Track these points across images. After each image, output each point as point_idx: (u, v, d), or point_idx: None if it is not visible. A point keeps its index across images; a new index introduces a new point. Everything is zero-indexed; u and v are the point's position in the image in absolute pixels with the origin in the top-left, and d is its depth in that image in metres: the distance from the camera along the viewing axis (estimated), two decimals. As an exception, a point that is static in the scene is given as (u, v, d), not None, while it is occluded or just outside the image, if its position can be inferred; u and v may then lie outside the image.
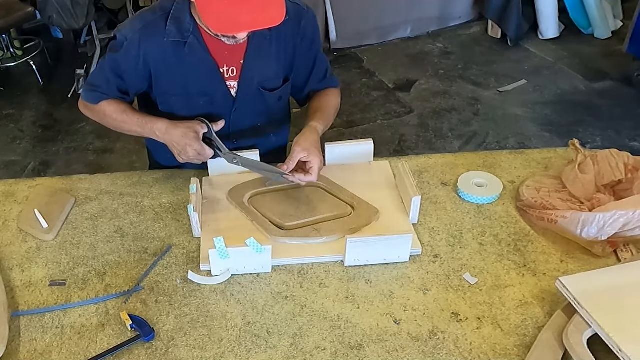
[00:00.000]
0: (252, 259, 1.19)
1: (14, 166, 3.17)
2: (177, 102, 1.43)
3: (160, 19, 1.33)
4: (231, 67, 1.40)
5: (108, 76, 1.39)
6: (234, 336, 1.08)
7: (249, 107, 1.48)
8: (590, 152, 1.40)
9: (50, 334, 1.10)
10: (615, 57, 3.90)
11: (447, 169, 1.49)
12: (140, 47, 1.34)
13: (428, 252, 1.25)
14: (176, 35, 1.33)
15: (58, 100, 3.77)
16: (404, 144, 3.21)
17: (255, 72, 1.42)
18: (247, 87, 1.44)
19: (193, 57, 1.36)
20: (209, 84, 1.41)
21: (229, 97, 1.44)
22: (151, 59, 1.36)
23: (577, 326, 1.00)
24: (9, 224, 1.37)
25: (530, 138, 3.19)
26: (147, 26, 1.34)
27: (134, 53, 1.35)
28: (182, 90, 1.41)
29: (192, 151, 1.33)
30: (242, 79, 1.42)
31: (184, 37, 1.33)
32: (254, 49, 1.39)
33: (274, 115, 1.56)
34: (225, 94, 1.43)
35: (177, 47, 1.34)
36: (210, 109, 1.44)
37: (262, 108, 1.50)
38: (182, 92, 1.41)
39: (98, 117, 1.44)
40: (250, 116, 1.50)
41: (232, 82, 1.43)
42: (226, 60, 1.39)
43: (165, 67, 1.37)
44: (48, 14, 3.48)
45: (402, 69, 4.01)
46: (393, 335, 1.07)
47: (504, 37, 4.23)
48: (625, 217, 1.19)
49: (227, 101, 1.45)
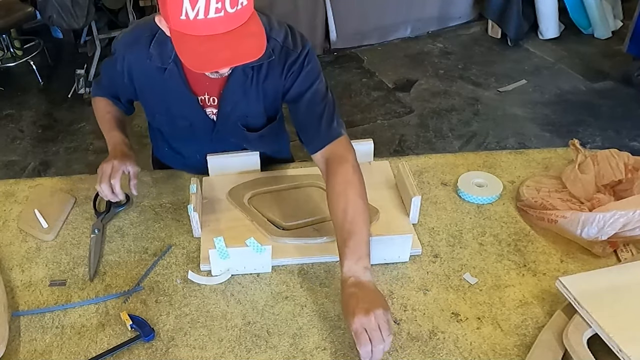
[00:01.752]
0: (252, 259, 1.19)
1: (14, 166, 3.18)
2: (161, 120, 1.44)
3: (146, 40, 1.29)
4: (212, 97, 1.36)
5: (104, 77, 1.47)
6: (234, 336, 1.08)
7: (230, 135, 1.43)
8: (590, 152, 1.40)
9: (50, 334, 1.10)
10: (615, 57, 3.90)
11: (447, 169, 1.49)
12: (125, 62, 1.33)
13: (428, 252, 1.25)
14: (157, 60, 1.29)
15: (58, 100, 3.77)
16: (404, 144, 3.22)
17: (233, 106, 1.36)
18: (226, 119, 1.39)
19: (172, 84, 1.32)
20: (188, 110, 1.37)
21: (208, 122, 1.40)
22: (135, 76, 1.35)
23: (577, 326, 1.00)
24: (9, 224, 1.37)
25: (530, 138, 3.20)
26: (134, 44, 1.31)
27: (120, 66, 1.34)
28: (165, 110, 1.40)
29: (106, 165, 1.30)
30: (220, 110, 1.37)
31: (164, 64, 1.29)
32: (234, 83, 1.31)
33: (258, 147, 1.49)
34: (205, 119, 1.39)
35: (159, 71, 1.31)
36: (191, 130, 1.42)
37: (243, 139, 1.45)
38: (164, 112, 1.40)
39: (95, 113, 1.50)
40: (233, 140, 1.45)
41: (212, 109, 1.38)
42: (207, 89, 1.34)
43: (148, 86, 1.36)
44: (48, 14, 3.48)
45: (402, 69, 4.01)
46: (393, 335, 1.07)
47: (504, 37, 4.23)
48: (625, 217, 1.19)
49: (206, 125, 1.41)
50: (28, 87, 3.95)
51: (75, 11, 3.46)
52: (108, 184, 1.28)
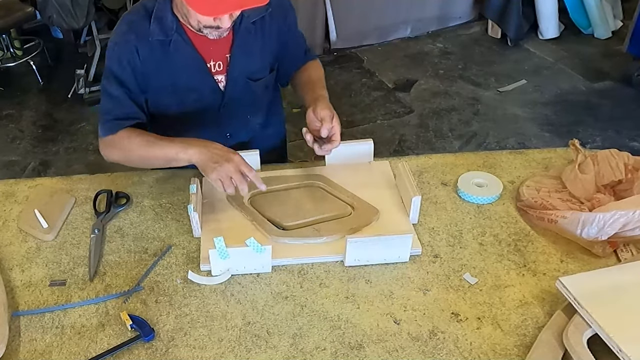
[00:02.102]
0: (252, 259, 1.19)
1: (14, 166, 3.18)
2: (167, 100, 1.44)
3: (143, 19, 1.34)
4: (217, 62, 1.41)
5: (114, 94, 1.36)
6: (234, 336, 1.08)
7: (237, 99, 1.48)
8: (590, 152, 1.40)
9: (50, 334, 1.10)
10: (615, 57, 3.90)
11: (447, 169, 1.49)
12: (129, 46, 1.34)
13: (428, 252, 1.25)
14: (160, 34, 1.34)
15: (58, 100, 3.77)
16: (404, 144, 3.22)
17: (241, 65, 1.43)
18: (235, 80, 1.45)
19: (179, 55, 1.37)
20: (197, 79, 1.42)
21: (217, 91, 1.45)
22: (140, 58, 1.36)
23: (577, 326, 1.00)
24: (9, 224, 1.37)
25: (530, 138, 3.20)
26: (132, 27, 1.34)
27: (126, 55, 1.35)
28: (172, 87, 1.42)
29: (233, 164, 1.22)
30: (229, 72, 1.43)
31: (168, 36, 1.34)
32: (240, 43, 1.40)
33: (262, 105, 1.57)
34: (214, 88, 1.44)
35: (163, 45, 1.35)
36: (200, 104, 1.45)
37: (249, 99, 1.51)
38: (171, 89, 1.42)
39: (121, 154, 1.36)
40: (239, 108, 1.50)
41: (219, 77, 1.44)
42: (212, 54, 1.40)
43: (154, 65, 1.37)
44: (48, 14, 3.48)
45: (402, 69, 4.01)
46: (393, 335, 1.07)
47: (504, 37, 4.23)
48: (625, 217, 1.18)
49: (215, 96, 1.46)
50: (28, 87, 3.95)
51: (75, 11, 3.46)
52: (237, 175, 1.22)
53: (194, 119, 1.47)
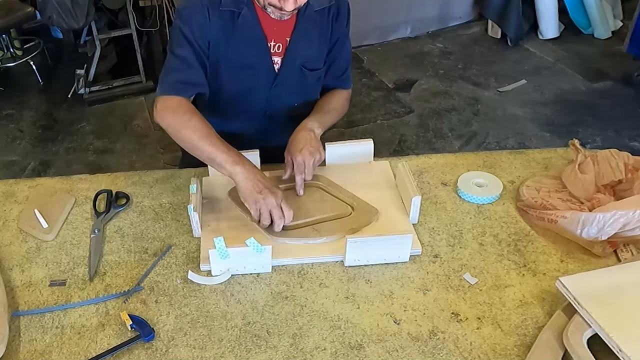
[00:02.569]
0: (252, 259, 1.19)
1: (14, 166, 3.18)
2: (224, 73, 1.46)
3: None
4: (278, 43, 1.44)
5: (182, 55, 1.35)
6: (234, 336, 1.08)
7: (288, 84, 1.50)
8: (590, 152, 1.40)
9: (50, 334, 1.10)
10: (615, 57, 3.90)
11: (447, 169, 1.49)
12: (204, 7, 1.36)
13: (428, 252, 1.25)
14: (231, 5, 1.37)
15: (58, 100, 3.77)
16: (404, 144, 3.22)
17: (299, 51, 1.46)
18: (290, 64, 1.47)
19: (244, 28, 1.39)
20: (256, 56, 1.44)
21: (272, 72, 1.47)
22: (211, 22, 1.37)
23: (577, 326, 1.00)
24: (9, 224, 1.37)
25: (530, 138, 3.20)
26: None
27: (196, 18, 1.36)
28: (232, 61, 1.43)
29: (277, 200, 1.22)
30: (286, 56, 1.46)
31: (239, 8, 1.37)
32: (301, 28, 1.43)
33: (310, 96, 1.58)
34: (269, 67, 1.46)
35: (231, 16, 1.38)
36: (252, 81, 1.47)
37: (300, 87, 1.53)
38: (231, 62, 1.44)
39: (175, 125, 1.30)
40: (289, 94, 1.52)
41: (276, 58, 1.46)
42: (274, 35, 1.43)
43: (221, 34, 1.39)
44: (48, 14, 3.47)
45: (402, 69, 4.01)
46: (393, 335, 1.07)
47: (504, 37, 4.23)
48: (625, 217, 1.19)
49: (269, 75, 1.48)
50: (28, 87, 3.95)
51: (75, 11, 3.45)
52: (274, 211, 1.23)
53: (243, 94, 1.49)
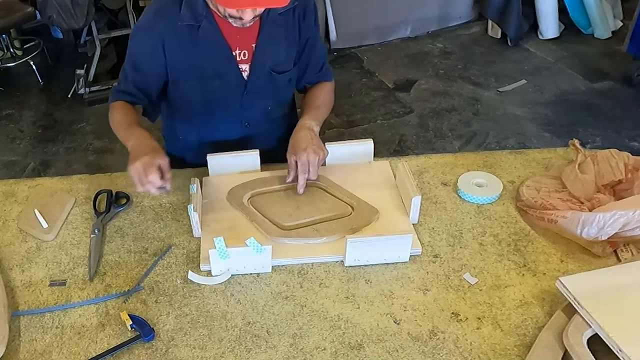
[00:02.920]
0: (252, 259, 1.19)
1: (14, 166, 3.18)
2: (191, 86, 1.46)
3: (174, 3, 1.36)
4: (243, 51, 1.43)
5: (127, 72, 1.43)
6: (234, 336, 1.08)
7: (259, 90, 1.49)
8: (590, 152, 1.40)
9: (50, 334, 1.10)
10: (615, 57, 3.90)
11: (447, 169, 1.49)
12: (155, 30, 1.36)
13: (428, 252, 1.25)
14: (190, 19, 1.35)
15: (58, 100, 3.77)
16: (404, 144, 3.22)
17: (266, 56, 1.45)
18: (259, 70, 1.46)
19: (206, 41, 1.38)
20: (222, 66, 1.43)
21: (240, 80, 1.46)
22: (166, 42, 1.38)
23: (577, 326, 1.00)
24: (9, 224, 1.37)
25: (530, 138, 3.20)
26: (161, 10, 1.37)
27: (149, 38, 1.37)
28: (197, 73, 1.43)
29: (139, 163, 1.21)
30: (254, 62, 1.45)
31: (198, 21, 1.36)
32: (266, 33, 1.42)
33: (283, 98, 1.58)
34: (237, 76, 1.46)
35: (191, 30, 1.37)
36: (222, 92, 1.47)
37: (272, 91, 1.52)
38: (196, 75, 1.43)
39: (111, 123, 1.42)
40: (261, 99, 1.52)
41: (244, 66, 1.45)
42: (238, 43, 1.41)
43: (180, 50, 1.39)
44: (48, 14, 3.48)
45: (402, 69, 4.01)
46: (393, 335, 1.07)
47: (504, 37, 4.23)
48: (625, 217, 1.18)
49: (239, 84, 1.47)
50: (28, 87, 3.95)
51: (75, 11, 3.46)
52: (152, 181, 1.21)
53: (215, 105, 1.49)
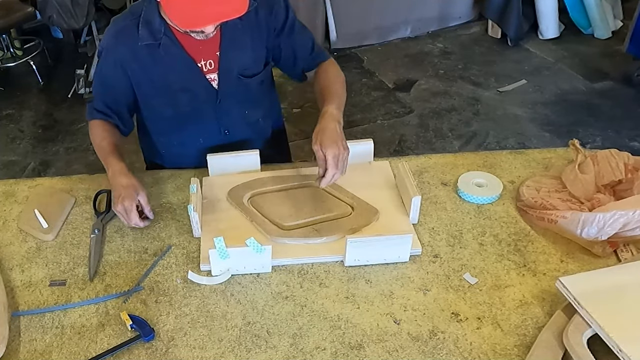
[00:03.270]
0: (252, 259, 1.19)
1: (14, 166, 3.18)
2: (160, 103, 1.45)
3: (131, 24, 1.35)
4: (208, 60, 1.41)
5: (97, 89, 1.43)
6: (234, 336, 1.08)
7: (232, 96, 1.48)
8: (590, 152, 1.40)
9: (50, 334, 1.10)
10: (615, 57, 3.90)
11: (447, 169, 1.49)
12: (117, 53, 1.37)
13: (428, 252, 1.25)
14: (149, 38, 1.35)
15: (58, 100, 3.77)
16: (404, 144, 3.21)
17: (232, 62, 1.43)
18: (227, 77, 1.45)
19: (169, 57, 1.37)
20: (189, 80, 1.42)
21: (211, 90, 1.45)
22: (127, 63, 1.38)
23: (577, 326, 1.00)
24: (9, 224, 1.37)
25: (530, 138, 3.19)
26: (120, 32, 1.37)
27: (111, 59, 1.38)
28: (164, 90, 1.42)
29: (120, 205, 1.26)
30: (220, 70, 1.43)
31: (157, 39, 1.35)
32: (228, 39, 1.40)
33: (259, 101, 1.56)
34: (207, 87, 1.44)
35: (152, 49, 1.36)
36: (195, 104, 1.46)
37: (244, 96, 1.50)
38: (164, 92, 1.43)
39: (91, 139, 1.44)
40: (236, 105, 1.50)
41: (211, 75, 1.44)
42: (202, 54, 1.40)
43: (142, 70, 1.39)
44: (48, 14, 3.48)
45: (402, 69, 4.00)
46: (393, 335, 1.07)
47: (504, 37, 4.23)
48: (625, 217, 1.18)
49: (209, 94, 1.46)
50: (28, 87, 3.95)
51: (75, 11, 3.46)
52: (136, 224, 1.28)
53: (190, 118, 1.48)
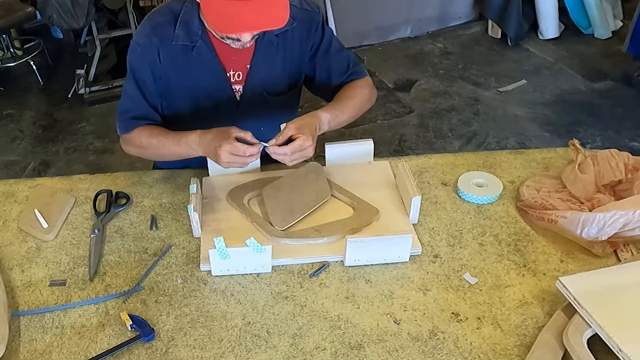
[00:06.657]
0: (252, 259, 1.19)
1: (14, 166, 3.18)
2: (183, 104, 1.44)
3: (168, 22, 1.33)
4: (237, 72, 1.41)
5: (132, 94, 1.39)
6: (234, 336, 1.08)
7: (252, 111, 1.47)
8: (590, 152, 1.40)
9: (50, 334, 1.10)
10: (615, 57, 3.90)
11: (447, 169, 1.49)
12: (152, 49, 1.34)
13: (428, 252, 1.25)
14: (185, 39, 1.33)
15: (58, 100, 3.77)
16: (404, 144, 3.22)
17: (260, 77, 1.42)
18: (252, 91, 1.44)
19: (201, 61, 1.36)
20: (215, 87, 1.41)
21: (233, 101, 1.45)
22: (162, 62, 1.36)
23: (577, 326, 1.00)
24: (9, 224, 1.37)
25: (530, 138, 3.19)
26: (156, 28, 1.34)
27: (147, 57, 1.35)
28: (189, 93, 1.42)
29: (225, 152, 1.22)
30: (247, 83, 1.43)
31: (192, 41, 1.34)
32: (261, 54, 1.39)
33: (276, 121, 1.51)
34: (230, 97, 1.44)
35: (186, 50, 1.35)
36: (214, 111, 1.44)
37: (265, 113, 1.48)
38: (188, 95, 1.42)
39: (138, 150, 1.41)
40: (253, 121, 1.47)
41: (237, 86, 1.43)
42: (233, 64, 1.40)
43: (173, 70, 1.37)
44: (48, 14, 3.48)
45: (402, 69, 4.00)
46: (393, 335, 1.07)
47: (504, 37, 4.23)
48: (625, 217, 1.18)
49: (231, 104, 1.45)
50: (28, 87, 3.95)
51: (75, 11, 3.46)
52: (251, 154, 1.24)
53: (206, 124, 1.46)
